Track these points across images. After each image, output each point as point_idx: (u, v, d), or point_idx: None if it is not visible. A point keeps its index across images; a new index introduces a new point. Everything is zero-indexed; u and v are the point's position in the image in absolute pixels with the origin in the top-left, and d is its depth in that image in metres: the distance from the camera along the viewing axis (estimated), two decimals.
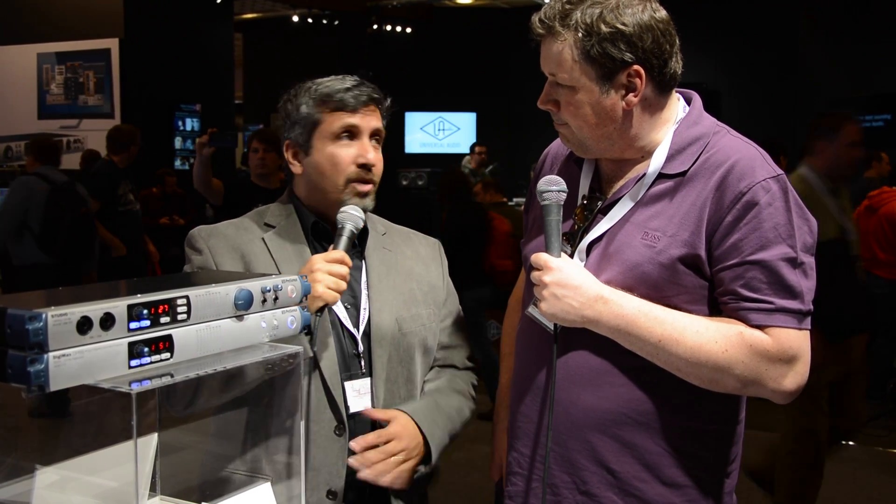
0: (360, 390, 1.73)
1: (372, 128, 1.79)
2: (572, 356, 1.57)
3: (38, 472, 1.27)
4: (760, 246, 1.47)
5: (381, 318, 1.77)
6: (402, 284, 1.83)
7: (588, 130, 1.57)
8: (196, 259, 1.75)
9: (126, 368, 1.11)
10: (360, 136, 1.77)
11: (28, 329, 1.00)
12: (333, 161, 1.76)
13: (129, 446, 1.15)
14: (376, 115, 1.81)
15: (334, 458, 1.68)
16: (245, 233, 1.79)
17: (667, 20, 1.55)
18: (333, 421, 1.69)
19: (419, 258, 1.91)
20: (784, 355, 1.47)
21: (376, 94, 1.80)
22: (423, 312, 1.84)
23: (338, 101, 1.75)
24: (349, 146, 1.76)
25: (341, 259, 1.63)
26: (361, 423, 1.72)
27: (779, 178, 1.50)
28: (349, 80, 1.79)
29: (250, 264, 1.73)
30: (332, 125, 1.76)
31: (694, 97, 1.65)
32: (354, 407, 1.72)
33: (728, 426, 1.61)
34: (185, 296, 1.19)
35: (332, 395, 1.69)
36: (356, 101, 1.76)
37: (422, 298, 1.85)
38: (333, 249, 1.66)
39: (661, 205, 1.55)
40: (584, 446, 1.57)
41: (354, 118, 1.76)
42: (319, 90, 1.78)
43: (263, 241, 1.77)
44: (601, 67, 1.51)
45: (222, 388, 1.49)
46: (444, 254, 1.99)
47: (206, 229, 1.79)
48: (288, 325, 1.35)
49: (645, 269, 1.51)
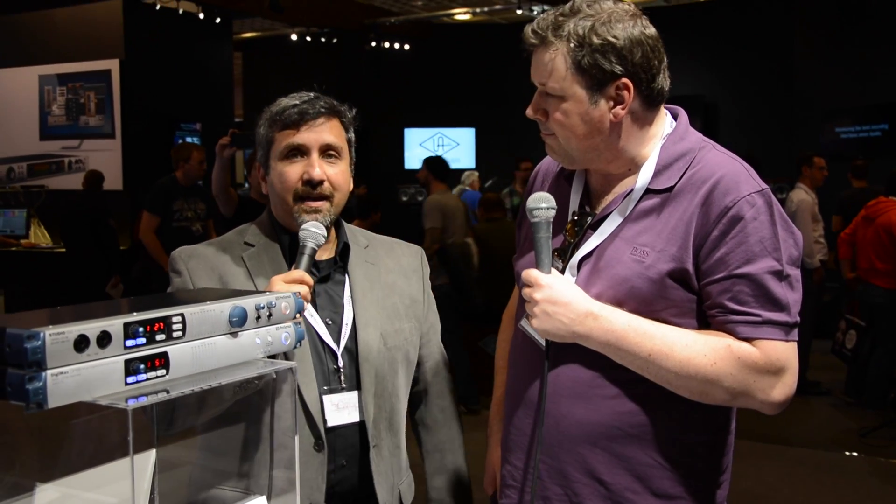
0: (339, 404, 1.74)
1: (321, 142, 1.75)
2: (563, 370, 1.59)
3: (37, 489, 1.29)
4: (746, 259, 1.49)
5: (366, 333, 1.78)
6: (385, 299, 1.85)
7: (575, 141, 1.59)
8: (176, 280, 1.76)
9: (123, 385, 1.13)
10: (308, 153, 1.75)
11: (26, 347, 1.02)
12: (281, 179, 1.76)
13: (127, 462, 1.17)
14: (329, 129, 1.77)
15: (314, 472, 1.69)
16: (224, 253, 1.79)
17: (656, 37, 1.58)
18: (311, 437, 1.70)
19: (401, 270, 1.92)
20: (772, 367, 1.49)
21: (325, 108, 1.77)
22: (406, 327, 1.86)
23: (284, 120, 1.75)
24: (296, 163, 1.75)
25: (300, 279, 1.61)
26: (340, 436, 1.73)
27: (763, 193, 1.52)
28: (301, 97, 1.79)
29: (228, 285, 1.74)
30: (280, 144, 1.76)
31: (680, 113, 1.68)
32: (333, 421, 1.72)
33: (718, 437, 1.63)
34: (180, 313, 1.21)
35: (310, 411, 1.70)
36: (300, 118, 1.74)
37: (404, 312, 1.87)
38: (294, 269, 1.65)
39: (649, 220, 1.57)
40: (576, 459, 1.58)
41: (299, 135, 1.75)
42: (272, 110, 1.79)
43: (243, 259, 1.78)
44: (591, 78, 1.54)
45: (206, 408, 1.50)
46: (426, 262, 2.00)
47: (186, 250, 1.79)
48: (282, 342, 1.37)
49: (634, 284, 1.54)
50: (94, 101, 10.37)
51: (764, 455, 5.17)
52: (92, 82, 10.34)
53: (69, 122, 10.58)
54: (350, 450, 1.75)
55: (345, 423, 1.74)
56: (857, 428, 5.75)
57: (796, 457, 5.28)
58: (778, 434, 5.27)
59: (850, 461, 5.22)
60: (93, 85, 10.34)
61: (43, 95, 10.73)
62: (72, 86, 10.51)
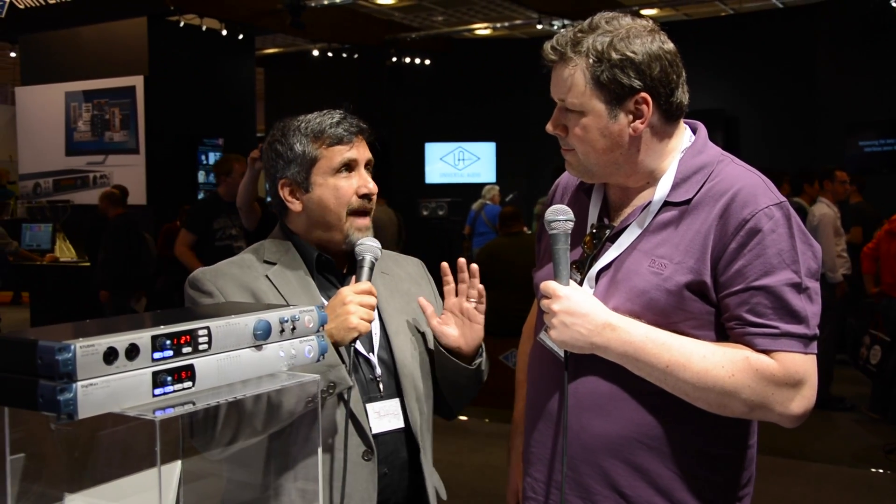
0: (381, 412, 1.78)
1: (366, 158, 1.84)
2: (582, 382, 1.60)
3: (66, 499, 1.31)
4: (765, 272, 1.49)
5: (399, 340, 1.83)
6: (405, 306, 1.89)
7: (595, 156, 1.61)
8: (206, 302, 1.75)
9: (150, 397, 1.15)
10: (358, 168, 1.83)
11: (58, 360, 1.04)
12: (337, 194, 1.80)
13: (153, 473, 1.19)
14: (365, 146, 1.86)
15: (364, 482, 1.71)
16: (249, 270, 1.80)
17: (674, 52, 1.60)
18: (362, 446, 1.73)
19: (411, 279, 1.98)
20: (790, 380, 1.49)
21: (362, 125, 1.85)
22: (427, 331, 1.89)
23: (333, 137, 1.81)
24: (349, 178, 1.81)
25: (369, 290, 1.70)
26: (381, 444, 1.76)
27: (782, 205, 1.53)
28: (336, 115, 1.84)
29: (260, 301, 1.76)
30: (331, 160, 1.81)
31: (699, 127, 1.69)
32: (377, 428, 1.76)
33: (739, 450, 1.63)
34: (206, 326, 1.23)
35: (358, 421, 1.73)
36: (350, 135, 1.81)
37: (422, 318, 1.90)
38: (357, 282, 1.72)
39: (667, 232, 1.58)
40: (597, 471, 1.59)
41: (352, 151, 1.81)
42: (311, 127, 1.82)
43: (267, 277, 1.79)
44: (610, 93, 1.55)
45: (258, 424, 1.53)
46: (426, 271, 2.05)
47: (209, 271, 1.79)
48: (305, 355, 1.39)
49: (652, 296, 1.55)
50: (118, 117, 10.50)
51: (787, 471, 5.12)
52: (117, 98, 10.47)
53: (94, 137, 10.72)
54: (391, 457, 1.78)
55: (386, 431, 1.78)
56: (882, 444, 5.68)
57: (820, 473, 5.22)
58: (801, 450, 5.22)
59: (876, 478, 5.15)
60: (118, 101, 10.48)
61: (69, 112, 10.88)
62: (97, 102, 10.65)
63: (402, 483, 1.80)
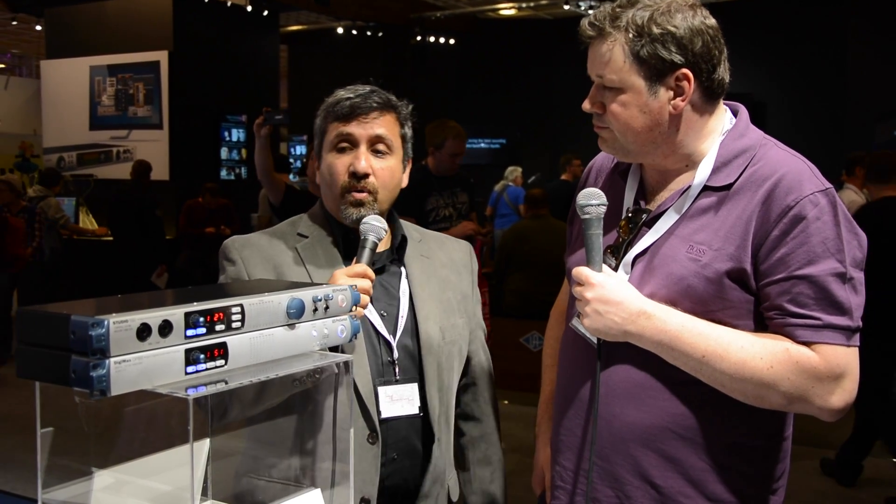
0: (394, 396, 1.74)
1: (370, 135, 1.76)
2: (615, 370, 1.58)
3: (95, 475, 1.31)
4: (808, 261, 1.45)
5: (427, 325, 1.79)
6: (440, 293, 1.85)
7: (632, 134, 1.56)
8: (230, 269, 1.76)
9: (182, 375, 1.13)
10: (357, 145, 1.76)
11: (91, 335, 1.03)
12: (330, 171, 1.78)
13: (184, 451, 1.17)
14: (381, 123, 1.77)
15: (367, 465, 1.69)
16: (278, 243, 1.80)
17: (716, 27, 1.55)
18: (366, 429, 1.70)
19: (453, 265, 1.93)
20: (832, 373, 1.45)
21: (379, 101, 1.77)
22: (459, 322, 1.86)
23: (336, 111, 1.77)
24: (344, 155, 1.77)
25: (363, 273, 1.62)
26: (392, 429, 1.73)
27: (827, 192, 1.49)
28: (356, 90, 1.79)
29: (283, 275, 1.74)
30: (331, 135, 1.78)
31: (741, 109, 1.64)
32: (387, 413, 1.73)
33: (774, 442, 1.60)
34: (239, 304, 1.21)
35: (365, 403, 1.70)
36: (352, 111, 1.75)
37: (457, 307, 1.87)
38: (356, 263, 1.66)
39: (706, 218, 1.54)
40: (628, 461, 1.57)
41: (349, 127, 1.76)
42: (329, 101, 1.80)
43: (297, 250, 1.78)
44: (650, 69, 1.51)
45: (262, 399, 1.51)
46: (475, 258, 2.00)
47: (239, 240, 1.80)
48: (338, 334, 1.37)
49: (690, 283, 1.51)
50: (142, 92, 10.53)
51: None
52: (141, 73, 10.50)
53: (118, 112, 10.76)
54: (402, 443, 1.75)
55: (398, 416, 1.74)
56: None
57: None
58: (838, 441, 5.13)
59: None
60: (142, 76, 10.50)
61: (93, 86, 10.92)
62: (121, 77, 10.68)
63: (413, 470, 1.77)
